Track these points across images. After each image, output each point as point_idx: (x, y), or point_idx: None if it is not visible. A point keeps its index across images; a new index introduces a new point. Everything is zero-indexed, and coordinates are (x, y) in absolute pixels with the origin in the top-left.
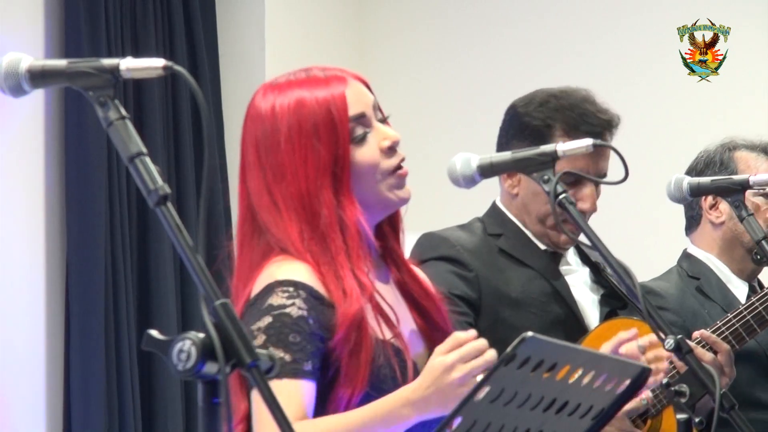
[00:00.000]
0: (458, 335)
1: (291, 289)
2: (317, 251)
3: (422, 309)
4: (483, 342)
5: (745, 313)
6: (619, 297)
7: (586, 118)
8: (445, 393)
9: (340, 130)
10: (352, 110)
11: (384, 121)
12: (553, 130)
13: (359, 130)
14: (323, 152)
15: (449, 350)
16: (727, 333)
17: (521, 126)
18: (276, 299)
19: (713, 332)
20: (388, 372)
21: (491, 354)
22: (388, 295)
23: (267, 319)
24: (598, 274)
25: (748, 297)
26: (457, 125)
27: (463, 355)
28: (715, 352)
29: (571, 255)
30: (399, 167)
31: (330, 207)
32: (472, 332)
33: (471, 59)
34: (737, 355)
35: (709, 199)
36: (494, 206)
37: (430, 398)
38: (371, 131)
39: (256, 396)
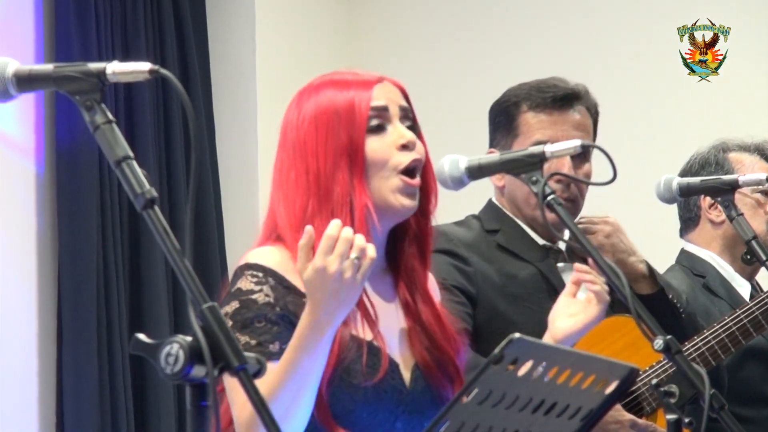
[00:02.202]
0: (300, 243)
1: (260, 274)
2: (318, 226)
3: (426, 323)
4: (332, 227)
5: (742, 316)
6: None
7: (549, 88)
8: (336, 292)
9: (358, 116)
10: (375, 102)
11: (412, 129)
12: (520, 106)
13: (376, 121)
14: (342, 134)
15: (304, 264)
16: (723, 336)
17: (495, 114)
18: (244, 283)
19: (713, 332)
20: (359, 368)
21: (339, 229)
22: (379, 302)
23: (234, 304)
24: None
25: (751, 296)
26: (447, 124)
27: (324, 249)
28: None
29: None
30: (410, 170)
31: (343, 187)
32: (308, 229)
33: (462, 60)
34: (746, 353)
35: (708, 198)
36: (490, 203)
37: (327, 307)
38: (390, 126)
39: (230, 381)
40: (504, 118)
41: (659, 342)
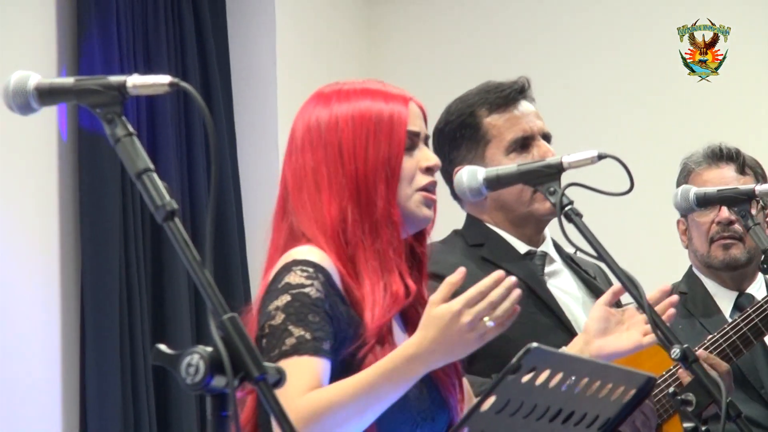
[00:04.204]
0: (449, 279)
1: (310, 269)
2: (359, 237)
3: None
4: (485, 283)
5: (741, 325)
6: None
7: (498, 88)
8: (453, 341)
9: (398, 133)
10: (410, 125)
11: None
12: (478, 113)
13: (409, 142)
14: (384, 146)
15: (444, 298)
16: (725, 345)
17: (450, 135)
18: (294, 278)
19: (711, 345)
20: None
21: (492, 284)
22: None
23: (285, 298)
24: (578, 272)
25: (734, 306)
26: None
27: (469, 301)
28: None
29: (554, 253)
30: (429, 189)
31: (384, 200)
32: (461, 270)
33: (479, 68)
34: None
35: (681, 225)
36: (471, 218)
37: (436, 349)
38: (417, 149)
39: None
40: (467, 130)
41: (676, 351)
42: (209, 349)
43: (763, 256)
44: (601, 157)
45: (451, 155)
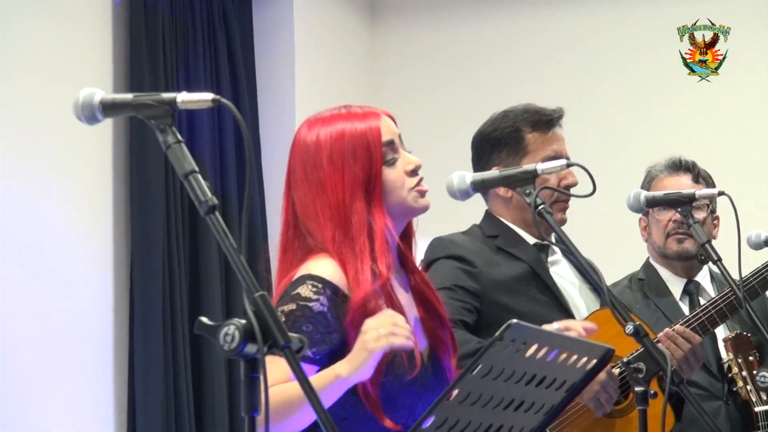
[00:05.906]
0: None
1: (320, 285)
2: (345, 250)
3: (431, 308)
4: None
5: (709, 308)
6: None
7: (541, 113)
8: (359, 350)
9: (374, 153)
10: (385, 138)
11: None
12: (522, 129)
13: (389, 154)
14: (358, 171)
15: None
16: (695, 324)
17: (495, 140)
18: (304, 290)
19: (686, 322)
20: (400, 360)
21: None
22: (403, 298)
23: (291, 305)
24: (574, 263)
25: (683, 291)
26: (459, 150)
27: (377, 325)
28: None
29: (556, 246)
30: (419, 185)
31: (361, 214)
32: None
33: (478, 86)
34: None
35: (642, 222)
36: (488, 214)
37: (352, 360)
38: (398, 156)
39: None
40: (511, 140)
41: (630, 327)
42: (243, 321)
43: (701, 249)
44: (569, 165)
45: (491, 156)
